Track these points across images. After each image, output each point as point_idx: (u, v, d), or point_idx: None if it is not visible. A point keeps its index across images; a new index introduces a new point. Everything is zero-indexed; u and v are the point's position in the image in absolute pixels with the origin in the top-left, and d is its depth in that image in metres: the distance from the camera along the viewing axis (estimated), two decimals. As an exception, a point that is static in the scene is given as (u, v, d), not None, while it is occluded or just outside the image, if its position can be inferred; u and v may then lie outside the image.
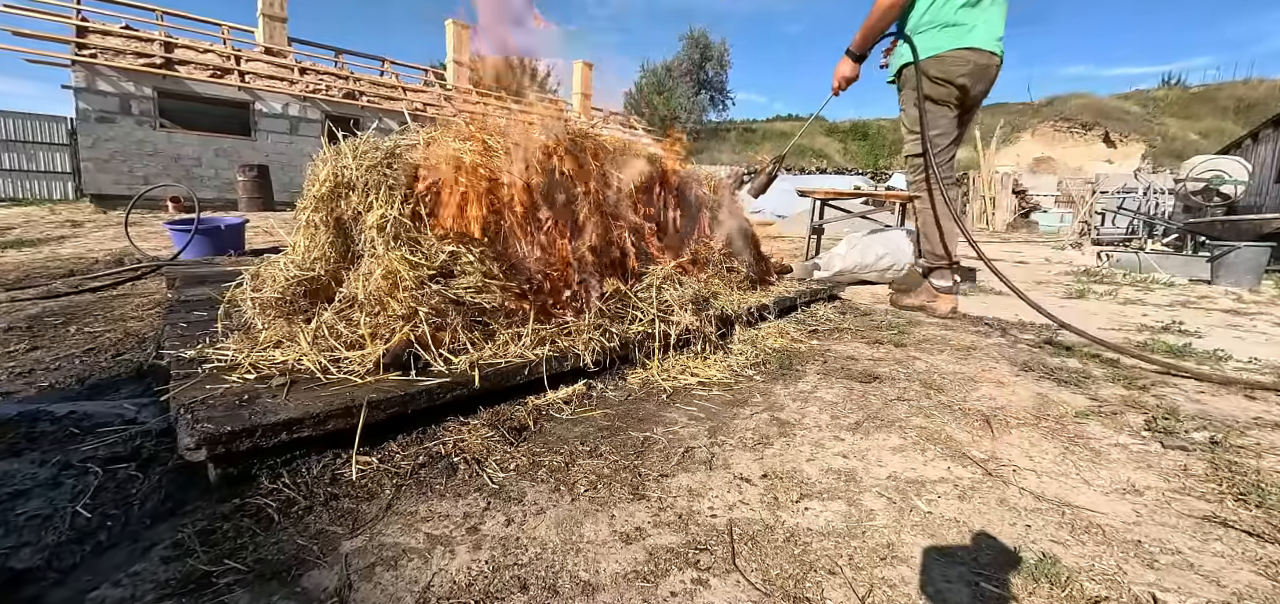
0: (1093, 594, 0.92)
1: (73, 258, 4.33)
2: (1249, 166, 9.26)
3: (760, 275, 3.08)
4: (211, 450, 1.12)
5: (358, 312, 1.57)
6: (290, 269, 1.73)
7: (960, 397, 1.81)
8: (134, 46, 11.68)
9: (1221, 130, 22.11)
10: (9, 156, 12.90)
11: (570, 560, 0.98)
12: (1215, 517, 1.17)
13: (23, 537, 0.99)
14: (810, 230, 5.00)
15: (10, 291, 2.98)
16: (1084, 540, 1.08)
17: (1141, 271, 5.23)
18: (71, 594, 0.87)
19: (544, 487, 1.21)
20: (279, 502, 1.10)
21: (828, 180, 15.04)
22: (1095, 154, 24.27)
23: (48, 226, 6.85)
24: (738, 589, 0.92)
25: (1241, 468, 1.36)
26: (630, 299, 2.16)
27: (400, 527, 1.06)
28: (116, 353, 2.05)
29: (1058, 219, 14.71)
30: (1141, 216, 8.97)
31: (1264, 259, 4.64)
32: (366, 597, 0.89)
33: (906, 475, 1.31)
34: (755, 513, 1.14)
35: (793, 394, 1.81)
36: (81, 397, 1.65)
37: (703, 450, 1.40)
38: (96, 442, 1.30)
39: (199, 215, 4.08)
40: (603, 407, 1.66)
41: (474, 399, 1.53)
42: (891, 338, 2.50)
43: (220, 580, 0.89)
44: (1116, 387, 1.95)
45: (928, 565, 0.99)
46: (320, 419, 1.24)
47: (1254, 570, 1.00)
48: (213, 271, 2.85)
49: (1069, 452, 1.45)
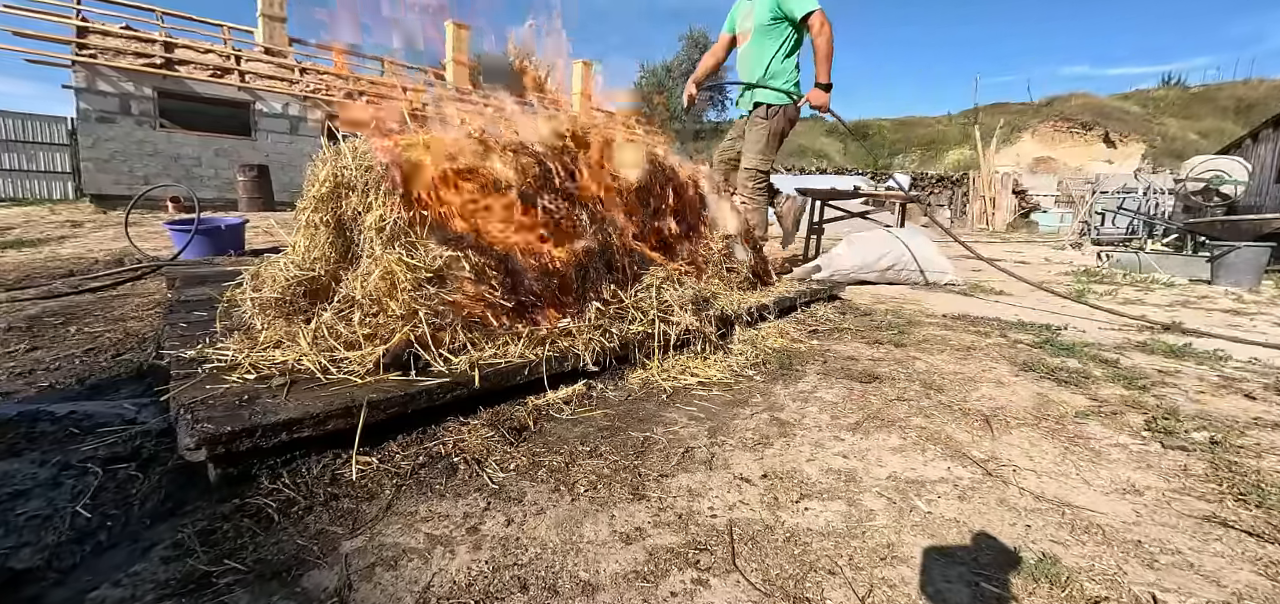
0: (1093, 594, 0.92)
1: (73, 258, 4.33)
2: (1249, 166, 9.26)
3: (760, 275, 3.08)
4: (211, 450, 1.12)
5: (356, 312, 1.57)
6: (290, 269, 1.73)
7: (960, 397, 1.81)
8: (134, 47, 11.67)
9: (1221, 130, 22.10)
10: (9, 156, 12.88)
11: (570, 560, 0.98)
12: (1215, 517, 1.17)
13: (23, 537, 0.99)
14: (810, 230, 5.00)
15: (10, 292, 2.98)
16: (1084, 540, 1.08)
17: (1141, 271, 5.23)
18: (71, 594, 0.87)
19: (544, 487, 1.21)
20: (279, 502, 1.10)
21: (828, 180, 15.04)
22: (1095, 154, 24.27)
23: (48, 227, 6.85)
24: (738, 589, 0.92)
25: (1241, 468, 1.36)
26: (630, 300, 2.16)
27: (400, 527, 1.06)
28: (116, 353, 2.05)
29: (1058, 219, 14.71)
30: (1141, 216, 8.97)
31: (1264, 259, 4.64)
32: (366, 597, 0.89)
33: (906, 475, 1.31)
34: (755, 513, 1.14)
35: (793, 394, 1.81)
36: (81, 397, 1.65)
37: (703, 450, 1.40)
38: (96, 442, 1.30)
39: (199, 215, 4.08)
40: (603, 407, 1.66)
41: (474, 399, 1.53)
42: (891, 338, 2.50)
43: (220, 580, 0.89)
44: (1116, 386, 1.95)
45: (928, 565, 0.99)
46: (320, 419, 1.24)
47: (1254, 570, 1.00)
48: (213, 271, 2.85)
49: (1069, 452, 1.45)
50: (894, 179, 16.18)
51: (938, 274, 4.00)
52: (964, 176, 16.91)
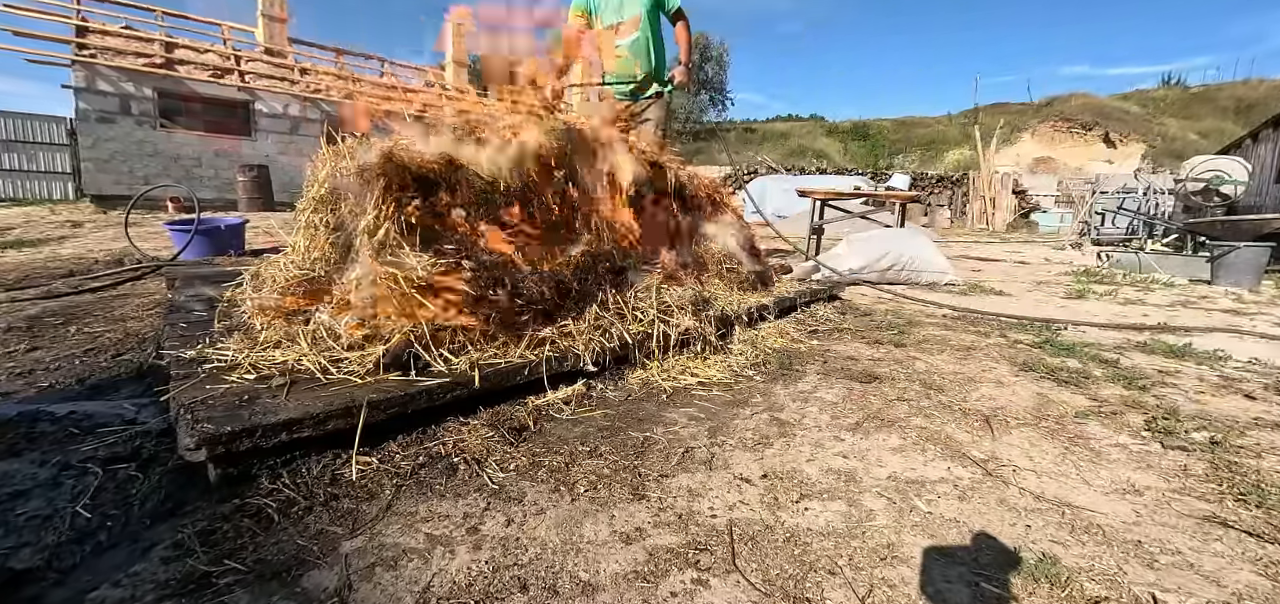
0: (1093, 594, 0.92)
1: (73, 258, 4.33)
2: (1249, 166, 9.25)
3: (760, 276, 3.08)
4: (211, 451, 1.12)
5: (348, 313, 1.57)
6: (290, 269, 1.73)
7: (960, 397, 1.81)
8: (134, 46, 11.68)
9: (1221, 130, 22.08)
10: (9, 157, 12.88)
11: (570, 561, 0.98)
12: (1215, 517, 1.17)
13: (23, 537, 0.99)
14: (810, 230, 5.00)
15: (10, 292, 2.98)
16: (1084, 540, 1.08)
17: (1141, 272, 5.23)
18: (71, 594, 0.87)
19: (544, 487, 1.21)
20: (279, 502, 1.10)
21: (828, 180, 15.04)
22: (1095, 154, 24.25)
23: (48, 227, 6.85)
24: (738, 589, 0.92)
25: (1241, 468, 1.36)
26: (629, 300, 2.16)
27: (400, 527, 1.06)
28: (116, 353, 2.05)
29: (1057, 219, 14.69)
30: (1141, 217, 8.96)
31: (1264, 259, 4.64)
32: (366, 597, 0.89)
33: (906, 475, 1.31)
34: (755, 513, 1.14)
35: (793, 394, 1.81)
36: (81, 397, 1.64)
37: (703, 451, 1.40)
38: (96, 442, 1.30)
39: (199, 215, 4.08)
40: (603, 407, 1.66)
41: (474, 399, 1.53)
42: (891, 338, 2.50)
43: (220, 581, 0.89)
44: (1116, 386, 1.95)
45: (928, 566, 0.99)
46: (320, 419, 1.24)
47: (1254, 570, 1.00)
48: (213, 272, 2.85)
49: (1069, 452, 1.45)
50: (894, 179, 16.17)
51: (937, 274, 4.00)
52: (964, 176, 16.90)
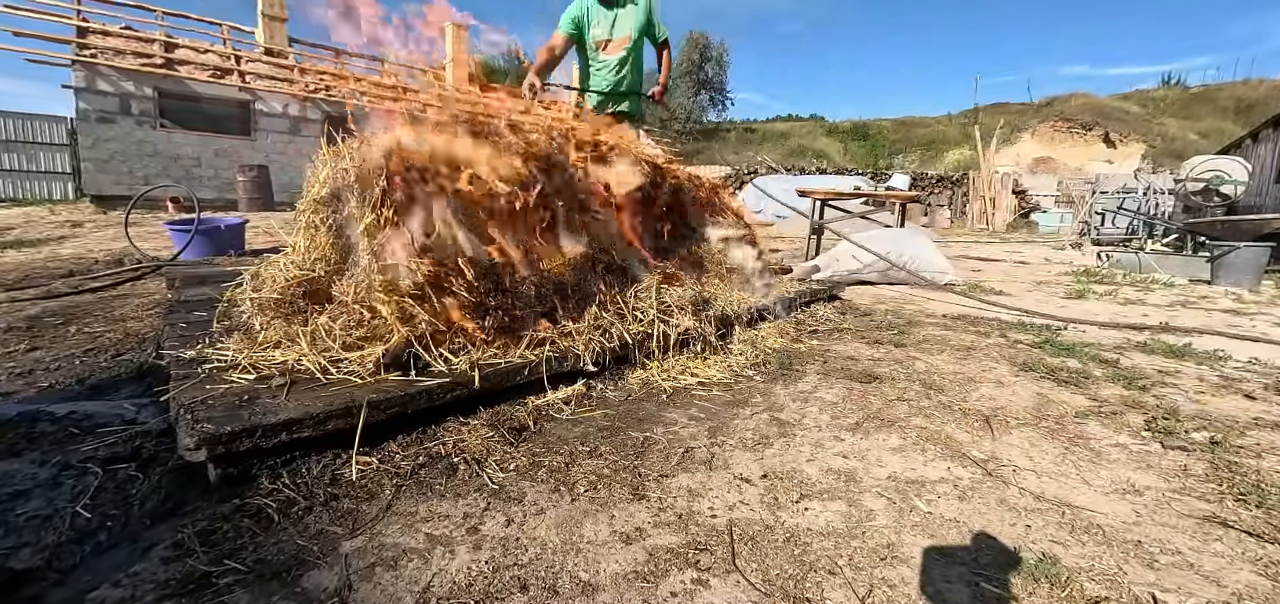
0: (1093, 594, 0.92)
1: (73, 258, 4.33)
2: (1249, 166, 9.24)
3: (760, 275, 3.08)
4: (211, 451, 1.12)
5: (345, 315, 1.57)
6: (290, 270, 1.73)
7: (960, 397, 1.81)
8: (134, 46, 11.67)
9: (1221, 130, 22.07)
10: (9, 157, 12.88)
11: (570, 561, 0.98)
12: (1215, 517, 1.17)
13: (23, 537, 0.99)
14: (810, 230, 5.00)
15: (10, 292, 2.98)
16: (1084, 540, 1.08)
17: (1141, 272, 5.22)
18: (71, 594, 0.87)
19: (544, 487, 1.21)
20: (279, 502, 1.10)
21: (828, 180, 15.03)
22: (1095, 154, 24.24)
23: (48, 227, 6.85)
24: (738, 589, 0.92)
25: (1241, 468, 1.36)
26: (629, 301, 2.16)
27: (400, 527, 1.06)
28: (116, 353, 2.05)
29: (1057, 219, 14.69)
30: (1141, 217, 8.96)
31: (1264, 259, 4.64)
32: (366, 597, 0.89)
33: (906, 475, 1.31)
34: (755, 513, 1.14)
35: (793, 394, 1.81)
36: (81, 397, 1.64)
37: (703, 451, 1.40)
38: (96, 442, 1.30)
39: (199, 215, 4.08)
40: (603, 407, 1.66)
41: (474, 399, 1.53)
42: (891, 338, 2.50)
43: (220, 580, 0.89)
44: (1116, 386, 1.95)
45: (928, 565, 0.99)
46: (320, 419, 1.24)
47: (1254, 570, 1.00)
48: (213, 272, 2.85)
49: (1069, 452, 1.45)
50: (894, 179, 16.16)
51: (938, 274, 4.00)
52: (964, 176, 16.90)
